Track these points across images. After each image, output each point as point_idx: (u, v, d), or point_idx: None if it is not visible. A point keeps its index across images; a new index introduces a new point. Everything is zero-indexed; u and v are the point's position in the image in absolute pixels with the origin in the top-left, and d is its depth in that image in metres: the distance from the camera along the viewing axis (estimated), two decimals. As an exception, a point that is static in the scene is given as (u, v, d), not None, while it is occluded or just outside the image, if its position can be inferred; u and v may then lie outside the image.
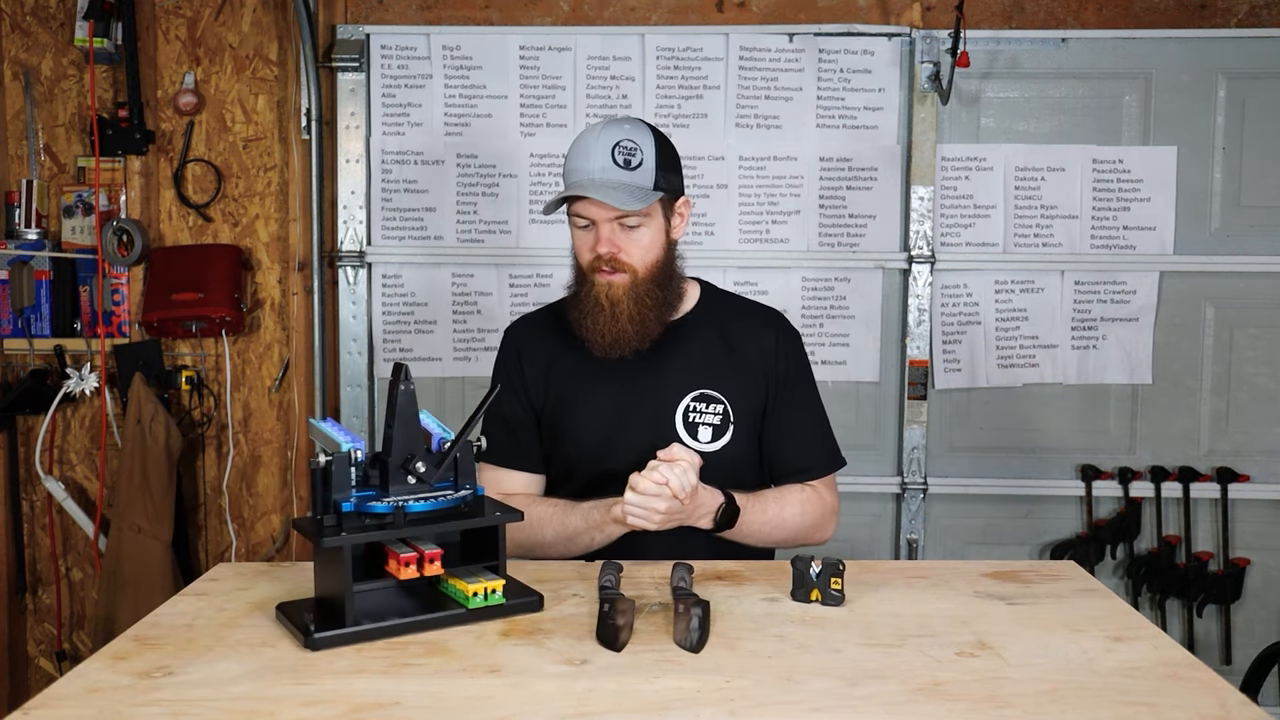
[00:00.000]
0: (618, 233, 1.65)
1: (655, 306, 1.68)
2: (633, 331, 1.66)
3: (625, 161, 1.63)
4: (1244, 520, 2.95)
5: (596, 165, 1.63)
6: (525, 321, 1.87)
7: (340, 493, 1.27)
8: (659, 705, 1.06)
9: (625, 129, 1.66)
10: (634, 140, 1.65)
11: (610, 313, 1.65)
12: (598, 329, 1.67)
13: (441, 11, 2.92)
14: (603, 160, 1.63)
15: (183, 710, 1.05)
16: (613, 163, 1.63)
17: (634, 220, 1.65)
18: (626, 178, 1.63)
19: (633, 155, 1.64)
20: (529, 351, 1.79)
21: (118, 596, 2.76)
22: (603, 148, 1.63)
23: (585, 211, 1.65)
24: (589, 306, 1.67)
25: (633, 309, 1.66)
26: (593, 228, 1.66)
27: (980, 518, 2.98)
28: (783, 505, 1.70)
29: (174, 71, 2.91)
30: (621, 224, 1.65)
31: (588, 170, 1.63)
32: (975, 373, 2.94)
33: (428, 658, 1.18)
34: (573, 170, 1.66)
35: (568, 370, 1.76)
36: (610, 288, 1.65)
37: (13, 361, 2.92)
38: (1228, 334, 2.92)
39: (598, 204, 1.62)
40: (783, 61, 2.90)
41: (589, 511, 1.62)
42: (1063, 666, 1.16)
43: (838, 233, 2.93)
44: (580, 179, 1.64)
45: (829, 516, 1.77)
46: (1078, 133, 2.91)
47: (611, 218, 1.64)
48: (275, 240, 2.95)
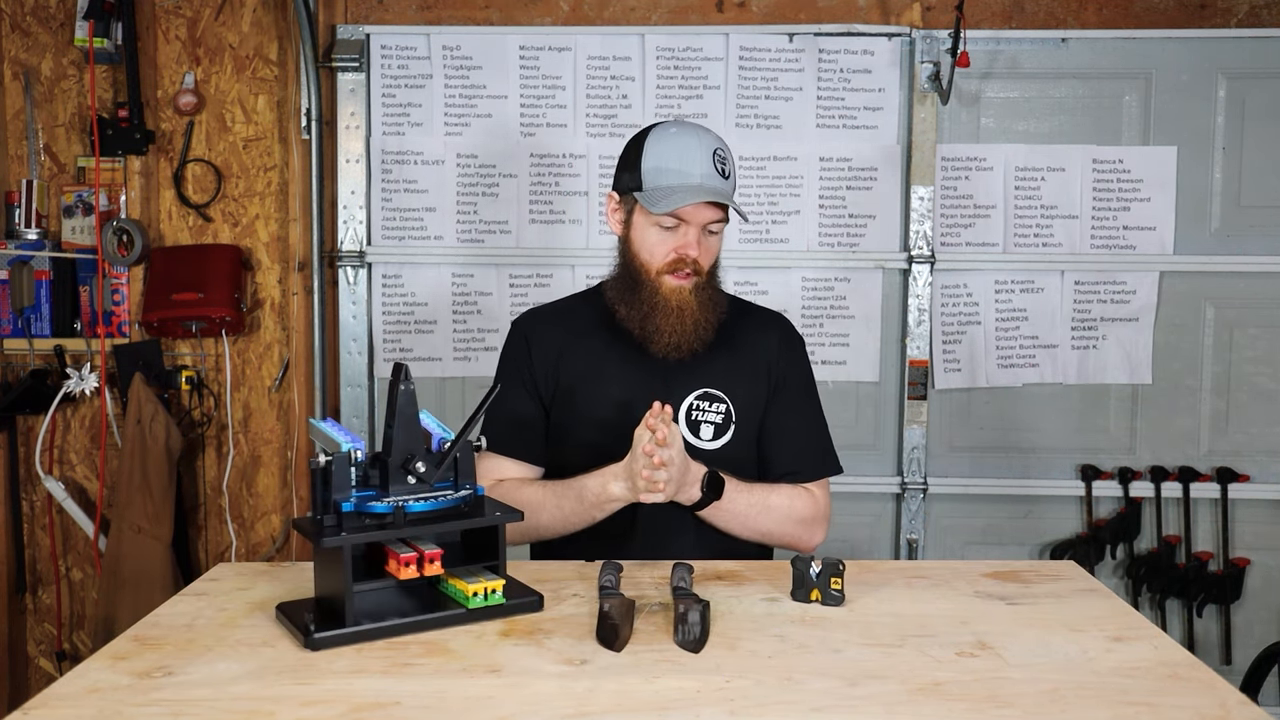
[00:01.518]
0: (703, 237, 1.67)
1: (714, 310, 1.71)
2: (695, 335, 1.69)
3: (722, 170, 1.66)
4: (1244, 520, 2.95)
5: (703, 170, 1.64)
6: (534, 314, 1.87)
7: (340, 493, 1.27)
8: (659, 705, 1.06)
9: (714, 138, 1.69)
10: (725, 151, 1.69)
11: (679, 315, 1.67)
12: (665, 329, 1.67)
13: (441, 11, 2.92)
14: (706, 167, 1.64)
15: (182, 710, 1.05)
16: (714, 170, 1.65)
17: (717, 226, 1.68)
18: (725, 186, 1.66)
19: (725, 164, 1.67)
20: (539, 342, 1.78)
21: (118, 596, 2.76)
22: (704, 154, 1.65)
23: (688, 215, 1.65)
24: (656, 306, 1.67)
25: (699, 313, 1.68)
26: (680, 229, 1.66)
27: (980, 518, 2.98)
28: (769, 492, 1.69)
29: (174, 71, 2.91)
30: (708, 230, 1.67)
31: (696, 174, 1.64)
32: (975, 373, 2.94)
33: (428, 658, 1.18)
34: (677, 173, 1.65)
35: (576, 363, 1.76)
36: (682, 292, 1.67)
37: (13, 361, 2.92)
38: (1228, 334, 2.92)
39: (705, 208, 1.64)
40: (783, 61, 2.90)
41: (583, 491, 1.63)
42: (1063, 666, 1.16)
43: (838, 233, 2.93)
44: (691, 182, 1.64)
45: (819, 519, 1.74)
46: (1078, 133, 2.91)
47: (706, 220, 1.66)
48: (275, 240, 2.95)
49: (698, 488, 1.60)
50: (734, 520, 1.66)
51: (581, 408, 1.74)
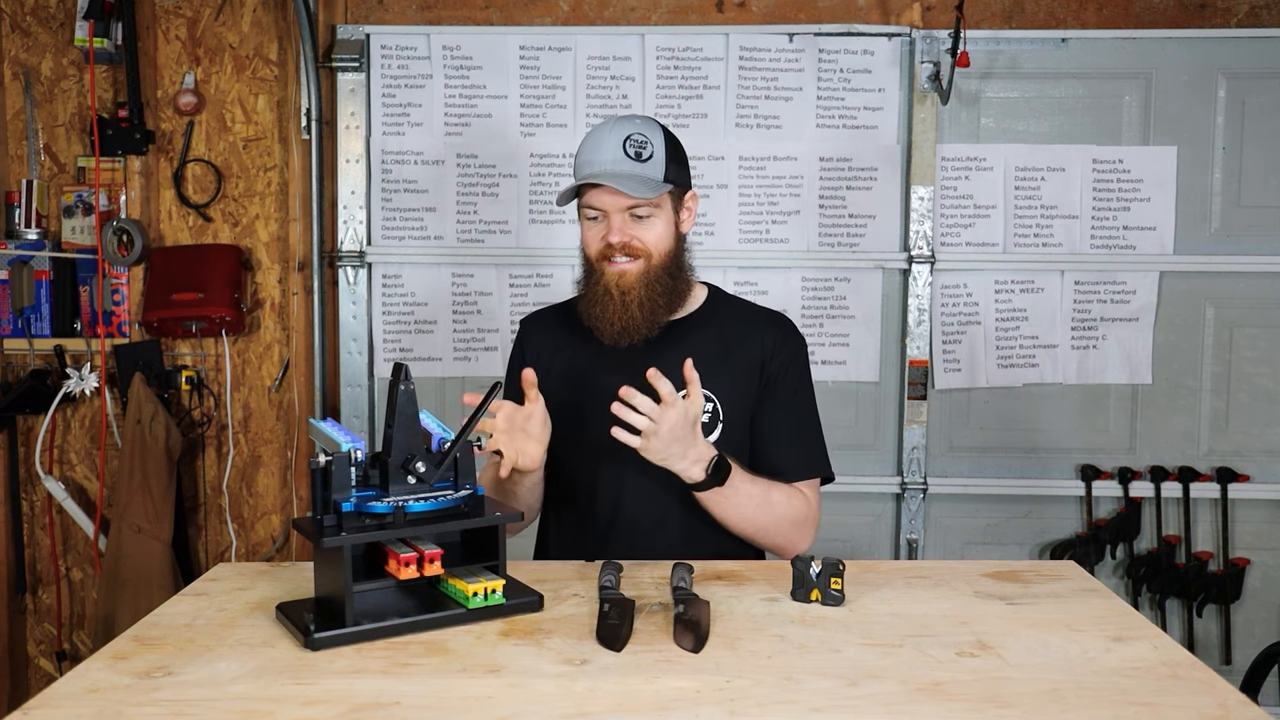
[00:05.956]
0: (629, 224, 1.67)
1: (665, 294, 1.70)
2: (642, 319, 1.68)
3: (636, 154, 1.65)
4: (1244, 520, 2.95)
5: (608, 157, 1.64)
6: (535, 316, 1.91)
7: (340, 493, 1.27)
8: (659, 705, 1.06)
9: (636, 124, 1.68)
10: (644, 134, 1.67)
11: (620, 301, 1.67)
12: (607, 317, 1.68)
13: (441, 11, 2.92)
14: (614, 152, 1.64)
15: (182, 710, 1.04)
16: (624, 154, 1.64)
17: (645, 210, 1.66)
18: (638, 169, 1.65)
19: (643, 148, 1.66)
20: (533, 346, 1.83)
21: (118, 596, 2.76)
22: (614, 141, 1.65)
23: (596, 202, 1.66)
24: (598, 295, 1.69)
25: (643, 296, 1.67)
26: (603, 219, 1.68)
27: (980, 518, 2.98)
28: (770, 488, 1.66)
29: (174, 71, 2.91)
30: (633, 214, 1.66)
31: (599, 161, 1.65)
32: (975, 373, 2.94)
33: (428, 658, 1.18)
34: (584, 163, 1.67)
35: (569, 365, 1.77)
36: (622, 276, 1.67)
37: (13, 361, 2.92)
38: (1228, 334, 2.92)
39: (610, 194, 1.64)
40: (783, 61, 2.90)
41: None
42: (1063, 666, 1.16)
43: (838, 233, 2.93)
44: (592, 170, 1.65)
45: (809, 523, 1.70)
46: (1078, 133, 2.91)
47: (623, 208, 1.66)
48: (275, 240, 2.95)
49: (702, 468, 1.56)
50: (732, 510, 1.63)
51: (571, 407, 1.73)
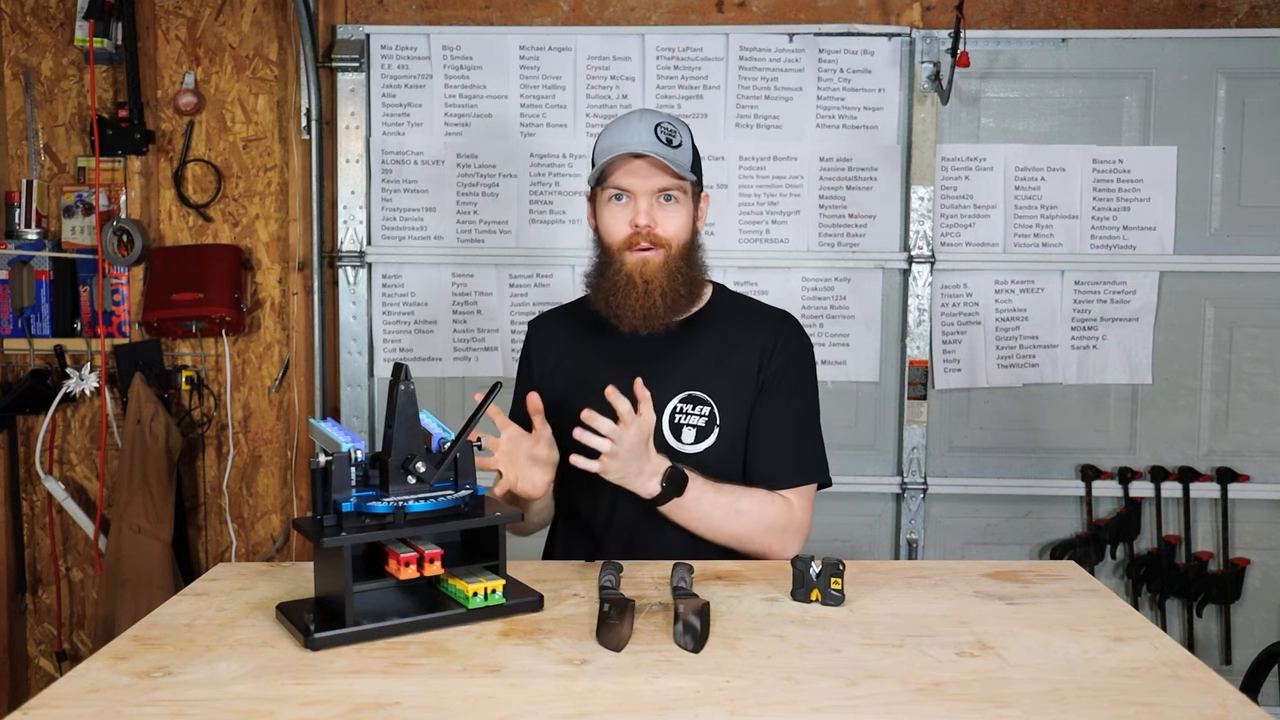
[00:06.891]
0: (656, 207, 1.64)
1: (687, 284, 1.67)
2: (664, 307, 1.65)
3: (668, 140, 1.63)
4: (1244, 520, 2.95)
5: (641, 139, 1.61)
6: (542, 318, 1.89)
7: (340, 493, 1.27)
8: (659, 705, 1.06)
9: (663, 115, 1.67)
10: (673, 124, 1.66)
11: (644, 289, 1.63)
12: (629, 304, 1.64)
13: (441, 11, 2.92)
14: (646, 135, 1.62)
15: (182, 710, 1.04)
16: (656, 138, 1.62)
17: (674, 193, 1.64)
18: (670, 153, 1.62)
19: (674, 136, 1.64)
20: (538, 349, 1.82)
21: (118, 596, 2.76)
22: (645, 125, 1.63)
23: (625, 182, 1.63)
24: (620, 284, 1.64)
25: (666, 284, 1.64)
26: (630, 201, 1.64)
27: (980, 518, 2.98)
28: (739, 495, 1.61)
29: (174, 71, 2.91)
30: (660, 199, 1.64)
31: (631, 143, 1.61)
32: (975, 373, 2.94)
33: (428, 658, 1.18)
34: (614, 145, 1.63)
35: (572, 367, 1.76)
36: (645, 265, 1.63)
37: (13, 361, 2.92)
38: (1228, 334, 2.92)
39: (640, 174, 1.61)
40: (783, 61, 2.90)
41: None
42: (1063, 666, 1.16)
43: (838, 233, 2.93)
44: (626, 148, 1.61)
45: (793, 529, 1.64)
46: (1078, 133, 2.91)
47: (653, 190, 1.63)
48: (275, 240, 2.95)
49: (657, 481, 1.53)
50: (697, 521, 1.59)
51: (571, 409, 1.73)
